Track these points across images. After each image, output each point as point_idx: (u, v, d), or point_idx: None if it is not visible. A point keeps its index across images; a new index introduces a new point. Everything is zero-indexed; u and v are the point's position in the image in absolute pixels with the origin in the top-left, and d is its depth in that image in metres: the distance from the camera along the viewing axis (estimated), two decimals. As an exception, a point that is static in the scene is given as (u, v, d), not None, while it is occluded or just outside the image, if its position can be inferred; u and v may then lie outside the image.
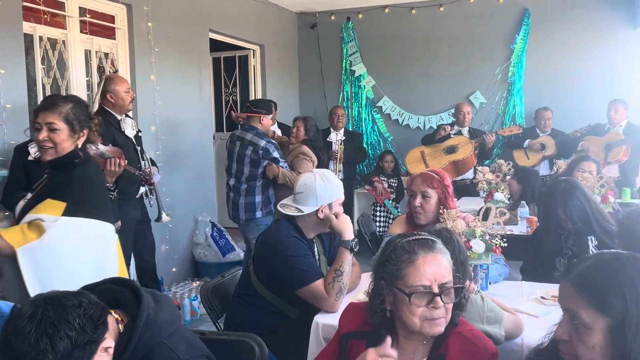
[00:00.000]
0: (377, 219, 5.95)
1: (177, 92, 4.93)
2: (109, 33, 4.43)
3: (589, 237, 2.57)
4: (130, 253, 3.93)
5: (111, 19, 4.40)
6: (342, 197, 2.46)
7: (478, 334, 1.49)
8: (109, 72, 4.35)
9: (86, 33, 4.18)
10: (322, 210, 2.39)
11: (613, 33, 6.11)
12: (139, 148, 3.84)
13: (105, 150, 3.19)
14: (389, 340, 1.36)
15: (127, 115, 3.82)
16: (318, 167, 4.15)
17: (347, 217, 2.46)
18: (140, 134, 3.93)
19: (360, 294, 2.36)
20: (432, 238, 1.49)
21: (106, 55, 4.37)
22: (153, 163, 4.05)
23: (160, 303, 1.50)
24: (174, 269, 4.81)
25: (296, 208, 2.39)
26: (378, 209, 5.98)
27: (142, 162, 3.80)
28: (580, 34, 6.21)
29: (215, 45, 6.07)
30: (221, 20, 5.60)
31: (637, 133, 5.10)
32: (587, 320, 1.14)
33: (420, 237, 1.50)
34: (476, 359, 1.41)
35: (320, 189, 2.38)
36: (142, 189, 3.77)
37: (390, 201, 5.87)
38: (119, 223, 3.19)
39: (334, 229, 2.40)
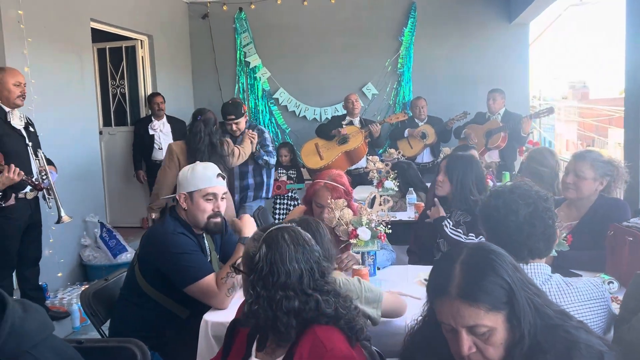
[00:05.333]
0: (277, 212, 5.95)
1: (56, 86, 4.59)
2: (-27, 21, 4.03)
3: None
4: (14, 259, 3.67)
5: (-26, 5, 4.01)
6: (205, 189, 2.35)
7: (330, 335, 1.43)
8: (-26, 64, 3.97)
9: (-55, 21, 3.78)
10: (182, 199, 2.36)
11: (491, 26, 6.54)
12: (30, 143, 3.58)
13: None
14: None
15: None
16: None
17: (251, 218, 2.45)
18: (32, 128, 3.67)
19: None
20: None
21: (-30, 45, 3.98)
22: (50, 162, 3.77)
23: (29, 312, 1.39)
24: (59, 274, 4.51)
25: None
26: (278, 201, 5.98)
27: (34, 160, 3.56)
28: (462, 28, 6.58)
29: (100, 36, 5.74)
30: (104, 9, 5.29)
31: (513, 120, 5.49)
32: (492, 324, 1.17)
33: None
34: None
35: (182, 177, 2.39)
36: (27, 188, 3.52)
37: (291, 183, 5.90)
38: None
39: (235, 227, 2.39)
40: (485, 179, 3.85)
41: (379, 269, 2.56)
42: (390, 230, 2.42)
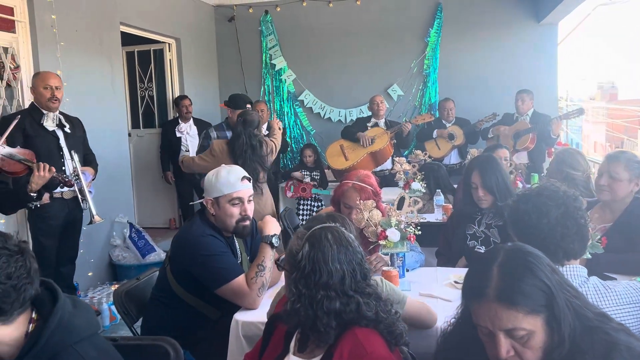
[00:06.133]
0: (301, 212, 5.96)
1: (87, 88, 4.69)
2: (8, 26, 4.13)
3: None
4: (52, 258, 3.75)
5: (9, 10, 4.11)
6: (230, 194, 2.34)
7: (371, 338, 1.42)
8: (9, 67, 4.07)
9: (-19, 26, 3.89)
10: (209, 204, 2.37)
11: (519, 26, 6.45)
12: (63, 144, 3.67)
13: (15, 152, 3.00)
14: None
15: (61, 113, 3.75)
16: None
17: (272, 218, 2.46)
18: (68, 129, 3.74)
19: (281, 289, 2.35)
20: None
21: (5, 50, 4.08)
22: (90, 163, 3.86)
23: (78, 308, 1.44)
24: (90, 273, 4.59)
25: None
26: (302, 201, 5.99)
27: (65, 160, 3.64)
28: (489, 28, 6.50)
29: (129, 39, 5.84)
30: (133, 13, 5.39)
31: (542, 121, 5.40)
32: (530, 327, 1.15)
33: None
34: None
35: (207, 183, 2.39)
36: (62, 189, 3.59)
37: (315, 186, 5.91)
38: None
39: (258, 227, 2.42)
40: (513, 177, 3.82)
41: (407, 270, 2.54)
42: (420, 232, 2.40)
